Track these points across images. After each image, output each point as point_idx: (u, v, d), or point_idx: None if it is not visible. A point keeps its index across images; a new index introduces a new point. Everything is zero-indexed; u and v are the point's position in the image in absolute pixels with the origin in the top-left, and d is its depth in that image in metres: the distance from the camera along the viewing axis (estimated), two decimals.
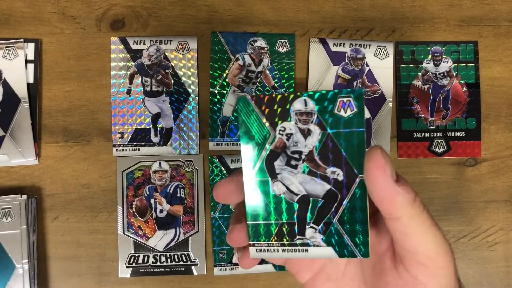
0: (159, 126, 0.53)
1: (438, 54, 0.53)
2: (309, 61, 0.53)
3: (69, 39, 0.52)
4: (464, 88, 0.53)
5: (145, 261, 0.51)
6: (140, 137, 0.52)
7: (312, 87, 0.53)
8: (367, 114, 0.53)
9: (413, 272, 0.27)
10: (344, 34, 0.53)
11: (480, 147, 0.53)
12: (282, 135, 0.28)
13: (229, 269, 0.51)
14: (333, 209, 0.28)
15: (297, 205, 0.28)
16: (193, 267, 0.51)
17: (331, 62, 0.53)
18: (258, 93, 0.53)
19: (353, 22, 0.53)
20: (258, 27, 0.53)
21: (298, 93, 0.27)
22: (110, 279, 0.52)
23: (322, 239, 0.28)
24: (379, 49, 0.53)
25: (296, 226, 0.29)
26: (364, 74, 0.53)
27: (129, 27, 0.53)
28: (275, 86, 0.53)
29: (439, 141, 0.53)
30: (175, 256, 0.52)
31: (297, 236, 0.29)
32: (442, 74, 0.53)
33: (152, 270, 0.51)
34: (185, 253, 0.52)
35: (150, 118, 0.52)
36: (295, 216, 0.28)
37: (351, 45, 0.53)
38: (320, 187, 0.28)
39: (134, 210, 0.52)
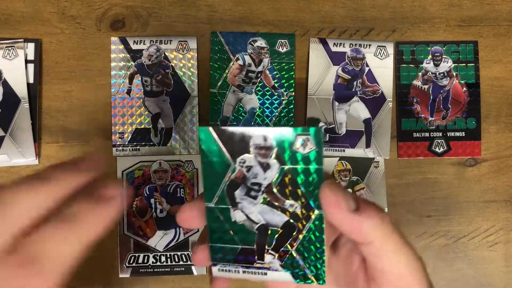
0: (159, 126, 0.53)
1: (438, 54, 0.53)
2: (309, 61, 0.53)
3: (69, 39, 0.52)
4: (464, 88, 0.53)
5: (145, 261, 0.51)
6: (140, 137, 0.52)
7: (312, 87, 0.53)
8: (367, 114, 0.53)
9: None
10: (344, 34, 0.53)
11: (480, 147, 0.53)
12: (242, 166, 0.28)
13: None
14: (291, 239, 0.29)
15: (257, 232, 0.29)
16: (193, 267, 0.51)
17: (331, 62, 0.53)
18: (258, 93, 0.53)
19: (353, 22, 0.53)
20: (258, 27, 0.53)
21: (256, 127, 0.28)
22: (110, 279, 0.52)
23: (280, 265, 0.30)
24: (379, 49, 0.53)
25: (256, 252, 0.30)
26: (364, 74, 0.53)
27: (129, 27, 0.53)
28: (275, 86, 0.53)
29: (439, 141, 0.53)
30: (175, 256, 0.52)
31: (257, 261, 0.30)
32: (442, 74, 0.53)
33: (152, 270, 0.51)
34: (185, 253, 0.52)
35: (150, 118, 0.52)
36: (255, 243, 0.30)
37: (351, 45, 0.53)
38: (278, 218, 0.29)
39: (134, 210, 0.52)
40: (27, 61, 0.52)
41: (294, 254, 0.30)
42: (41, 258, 0.20)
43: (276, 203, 0.29)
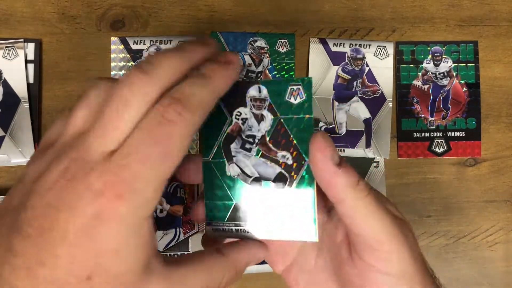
0: None
1: (438, 54, 0.53)
2: (309, 61, 0.53)
3: (69, 39, 0.52)
4: (464, 88, 0.53)
5: None
6: None
7: (312, 87, 0.53)
8: (367, 114, 0.53)
9: (366, 257, 0.27)
10: (344, 34, 0.53)
11: (480, 147, 0.53)
12: (238, 119, 0.29)
13: None
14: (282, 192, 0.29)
15: (250, 186, 0.29)
16: None
17: (331, 62, 0.53)
18: None
19: (353, 22, 0.53)
20: (258, 27, 0.53)
21: (253, 80, 0.29)
22: None
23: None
24: (379, 49, 0.53)
25: (249, 207, 0.30)
26: (364, 74, 0.53)
27: (129, 27, 0.53)
28: None
29: (439, 141, 0.53)
30: (175, 256, 0.52)
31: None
32: (442, 74, 0.53)
33: None
34: (185, 253, 0.52)
35: None
36: (248, 197, 0.30)
37: (351, 45, 0.53)
38: (271, 170, 0.29)
39: None
40: (27, 61, 0.52)
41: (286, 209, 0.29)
42: (186, 100, 0.24)
43: (269, 155, 0.29)
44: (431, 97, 0.53)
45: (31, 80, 0.52)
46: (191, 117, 0.23)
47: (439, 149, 0.53)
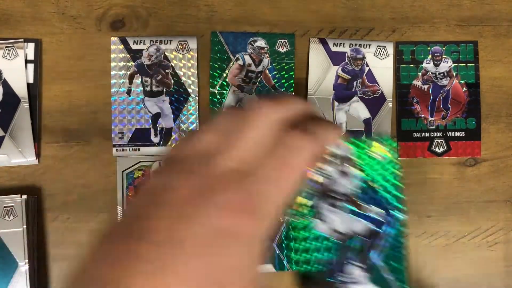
0: (159, 126, 0.53)
1: (438, 54, 0.53)
2: (309, 61, 0.53)
3: (69, 39, 0.52)
4: (464, 88, 0.53)
5: None
6: (140, 137, 0.52)
7: (312, 87, 0.53)
8: (367, 114, 0.53)
9: None
10: (344, 34, 0.53)
11: (480, 147, 0.53)
12: (322, 175, 0.30)
13: None
14: (375, 248, 0.31)
15: (342, 244, 0.31)
16: None
17: (331, 62, 0.53)
18: (258, 93, 0.53)
19: (353, 22, 0.53)
20: (258, 27, 0.53)
21: (343, 142, 0.30)
22: None
23: (366, 277, 0.31)
24: (379, 49, 0.53)
25: (342, 264, 0.31)
26: (364, 74, 0.53)
27: (129, 27, 0.53)
28: (275, 86, 0.53)
29: (439, 141, 0.53)
30: None
31: (344, 273, 0.31)
32: (442, 74, 0.53)
33: None
34: None
35: (150, 118, 0.52)
36: (340, 254, 0.31)
37: (351, 45, 0.53)
38: (363, 227, 0.30)
39: None
40: (27, 61, 0.52)
41: (379, 265, 0.31)
42: (312, 134, 0.26)
43: (359, 211, 0.29)
44: (431, 97, 0.53)
45: (31, 80, 0.52)
46: (316, 149, 0.26)
47: (439, 149, 0.53)
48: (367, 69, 0.53)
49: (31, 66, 0.52)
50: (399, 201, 0.29)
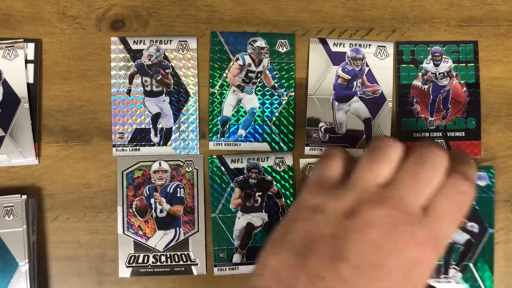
0: (159, 126, 0.53)
1: (438, 54, 0.53)
2: (309, 61, 0.53)
3: (69, 39, 0.52)
4: (464, 88, 0.53)
5: (145, 261, 0.51)
6: (140, 137, 0.52)
7: (312, 87, 0.53)
8: (367, 114, 0.53)
9: None
10: (344, 34, 0.53)
11: (480, 147, 0.53)
12: None
13: (229, 269, 0.51)
14: (469, 254, 0.41)
15: (444, 251, 0.40)
16: (193, 267, 0.51)
17: (331, 62, 0.53)
18: (258, 93, 0.53)
19: (353, 22, 0.53)
20: (258, 27, 0.53)
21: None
22: (110, 279, 0.52)
23: (460, 277, 0.41)
24: (379, 49, 0.53)
25: (442, 267, 0.40)
26: (364, 74, 0.53)
27: (129, 27, 0.53)
28: (275, 86, 0.53)
29: (439, 141, 0.53)
30: (175, 256, 0.52)
31: (443, 275, 0.40)
32: (442, 74, 0.53)
33: (152, 270, 0.51)
34: (185, 253, 0.52)
35: (150, 118, 0.52)
36: (443, 259, 0.40)
37: (351, 45, 0.53)
38: (461, 237, 0.40)
39: (134, 210, 0.52)
40: (27, 61, 0.52)
41: (472, 268, 0.41)
42: (471, 180, 0.32)
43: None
44: (431, 97, 0.53)
45: (31, 80, 0.52)
46: (474, 192, 0.31)
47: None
48: (367, 69, 0.53)
49: (31, 66, 0.52)
50: (489, 218, 0.41)
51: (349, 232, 0.27)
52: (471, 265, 0.42)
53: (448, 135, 0.53)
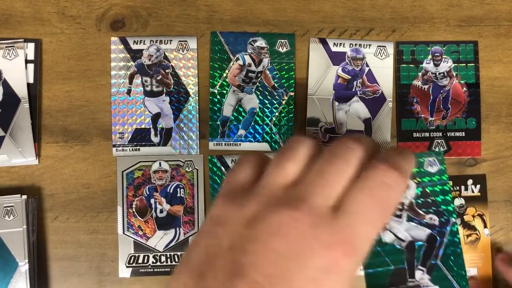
0: (159, 126, 0.53)
1: (438, 54, 0.53)
2: (309, 61, 0.53)
3: (69, 39, 0.52)
4: (464, 88, 0.53)
5: (145, 261, 0.51)
6: (140, 137, 0.52)
7: (312, 87, 0.53)
8: (367, 114, 0.53)
9: None
10: (344, 34, 0.53)
11: (480, 147, 0.53)
12: None
13: None
14: (435, 251, 0.34)
15: (405, 250, 0.33)
16: None
17: (331, 62, 0.53)
18: (258, 93, 0.53)
19: (353, 22, 0.53)
20: (258, 27, 0.53)
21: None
22: (110, 279, 0.52)
23: (429, 279, 0.34)
24: (379, 49, 0.53)
25: (407, 270, 0.33)
26: (364, 74, 0.53)
27: (129, 27, 0.53)
28: (275, 86, 0.53)
29: (439, 141, 0.53)
30: (175, 256, 0.52)
31: (409, 279, 0.33)
32: (442, 74, 0.53)
33: (152, 270, 0.51)
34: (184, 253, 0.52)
35: (150, 118, 0.52)
36: (405, 261, 0.34)
37: (351, 45, 0.53)
38: (422, 233, 0.33)
39: (134, 210, 0.52)
40: (27, 61, 0.52)
41: (441, 266, 0.34)
42: (399, 169, 0.26)
43: (417, 219, 0.33)
44: (431, 97, 0.53)
45: (31, 80, 0.52)
46: (404, 184, 0.26)
47: (439, 149, 0.53)
48: (367, 69, 0.53)
49: (31, 66, 0.52)
50: (448, 204, 0.34)
51: (248, 243, 0.24)
52: (439, 263, 0.37)
53: (448, 135, 0.53)
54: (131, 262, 0.51)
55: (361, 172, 0.26)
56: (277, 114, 0.53)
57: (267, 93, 0.53)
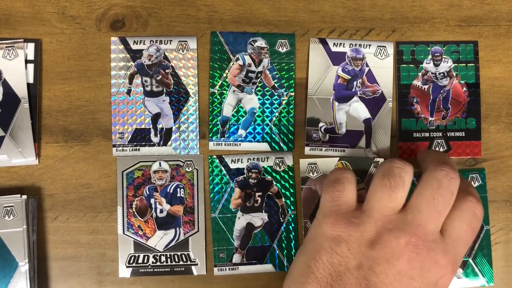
0: (159, 126, 0.53)
1: (438, 54, 0.53)
2: (309, 61, 0.53)
3: (69, 39, 0.52)
4: (464, 88, 0.53)
5: (145, 261, 0.51)
6: (140, 137, 0.52)
7: (312, 87, 0.53)
8: (367, 114, 0.53)
9: None
10: (344, 34, 0.53)
11: (480, 147, 0.53)
12: None
13: (229, 269, 0.51)
14: (468, 251, 0.49)
15: None
16: (193, 267, 0.51)
17: (331, 62, 0.53)
18: (258, 93, 0.53)
19: (353, 22, 0.53)
20: (258, 27, 0.53)
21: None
22: (110, 279, 0.52)
23: (461, 273, 0.46)
24: (379, 49, 0.53)
25: None
26: (364, 74, 0.53)
27: (129, 27, 0.53)
28: (275, 86, 0.53)
29: (439, 141, 0.53)
30: (175, 256, 0.52)
31: None
32: (442, 74, 0.53)
33: (152, 270, 0.51)
34: (185, 253, 0.52)
35: (150, 118, 0.52)
36: None
37: (351, 45, 0.53)
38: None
39: (134, 210, 0.52)
40: (27, 61, 0.52)
41: (472, 264, 0.47)
42: (480, 202, 0.37)
43: None
44: (431, 97, 0.53)
45: (31, 80, 0.52)
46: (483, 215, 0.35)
47: (439, 149, 0.53)
48: (367, 69, 0.53)
49: (31, 66, 0.52)
50: (485, 214, 0.50)
51: (376, 264, 0.29)
52: (470, 260, 0.45)
53: (448, 135, 0.53)
54: (131, 262, 0.51)
55: (455, 202, 0.33)
56: (277, 114, 0.53)
57: (267, 93, 0.53)
